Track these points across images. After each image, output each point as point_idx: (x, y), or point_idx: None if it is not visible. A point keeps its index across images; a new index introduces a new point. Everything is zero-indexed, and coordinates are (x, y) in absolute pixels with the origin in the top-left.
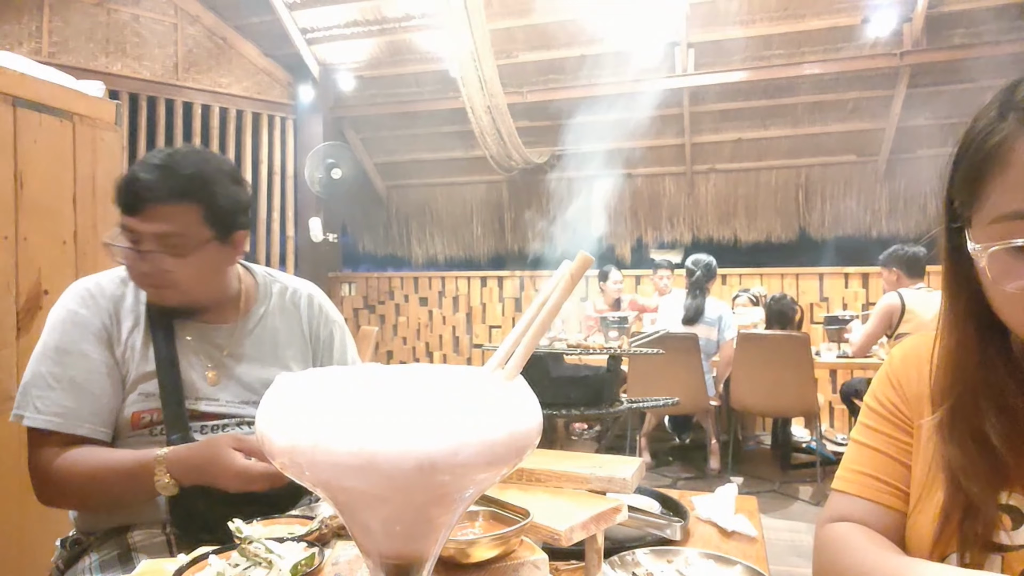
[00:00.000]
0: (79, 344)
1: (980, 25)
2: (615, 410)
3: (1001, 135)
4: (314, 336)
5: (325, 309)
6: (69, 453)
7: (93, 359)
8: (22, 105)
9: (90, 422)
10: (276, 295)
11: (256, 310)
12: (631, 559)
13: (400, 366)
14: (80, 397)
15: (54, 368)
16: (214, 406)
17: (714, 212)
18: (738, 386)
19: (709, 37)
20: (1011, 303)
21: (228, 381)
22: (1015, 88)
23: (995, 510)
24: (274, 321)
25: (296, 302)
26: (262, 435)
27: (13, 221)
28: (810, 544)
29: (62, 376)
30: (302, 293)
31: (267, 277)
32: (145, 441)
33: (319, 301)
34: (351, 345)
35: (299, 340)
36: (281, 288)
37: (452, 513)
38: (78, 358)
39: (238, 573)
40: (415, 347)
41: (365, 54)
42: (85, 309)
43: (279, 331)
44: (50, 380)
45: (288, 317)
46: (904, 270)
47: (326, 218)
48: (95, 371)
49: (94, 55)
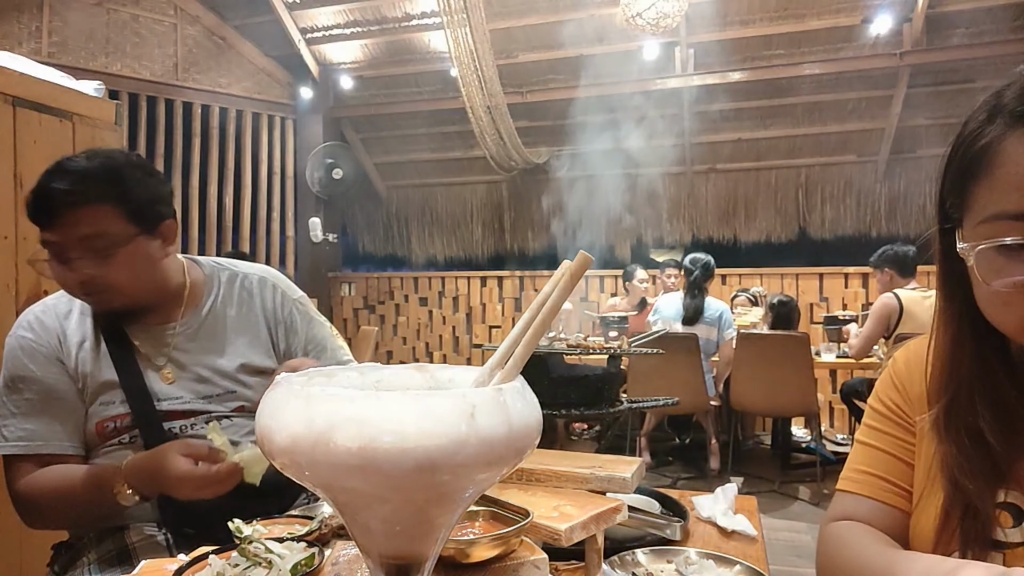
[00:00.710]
0: (31, 369)
1: (980, 25)
2: (615, 410)
3: (988, 137)
4: (274, 319)
5: (280, 288)
6: (38, 473)
7: (47, 381)
8: (22, 105)
9: (57, 439)
10: (225, 283)
11: (204, 302)
12: (631, 559)
13: (400, 366)
14: (41, 419)
15: (12, 395)
16: (177, 404)
17: (714, 212)
18: (738, 386)
19: (709, 37)
20: (996, 301)
21: (184, 378)
22: (1003, 91)
23: (992, 507)
24: (226, 310)
25: (249, 288)
26: (262, 435)
27: (13, 221)
28: (810, 544)
29: (20, 401)
30: (254, 278)
31: (215, 267)
32: (117, 451)
33: (272, 282)
34: (318, 319)
35: (255, 326)
36: (231, 276)
37: (452, 513)
38: (32, 382)
39: (238, 573)
40: (415, 347)
41: (365, 54)
42: (31, 334)
43: (231, 320)
44: (11, 407)
45: (241, 304)
46: (896, 270)
47: (326, 218)
48: (51, 391)
49: (94, 55)
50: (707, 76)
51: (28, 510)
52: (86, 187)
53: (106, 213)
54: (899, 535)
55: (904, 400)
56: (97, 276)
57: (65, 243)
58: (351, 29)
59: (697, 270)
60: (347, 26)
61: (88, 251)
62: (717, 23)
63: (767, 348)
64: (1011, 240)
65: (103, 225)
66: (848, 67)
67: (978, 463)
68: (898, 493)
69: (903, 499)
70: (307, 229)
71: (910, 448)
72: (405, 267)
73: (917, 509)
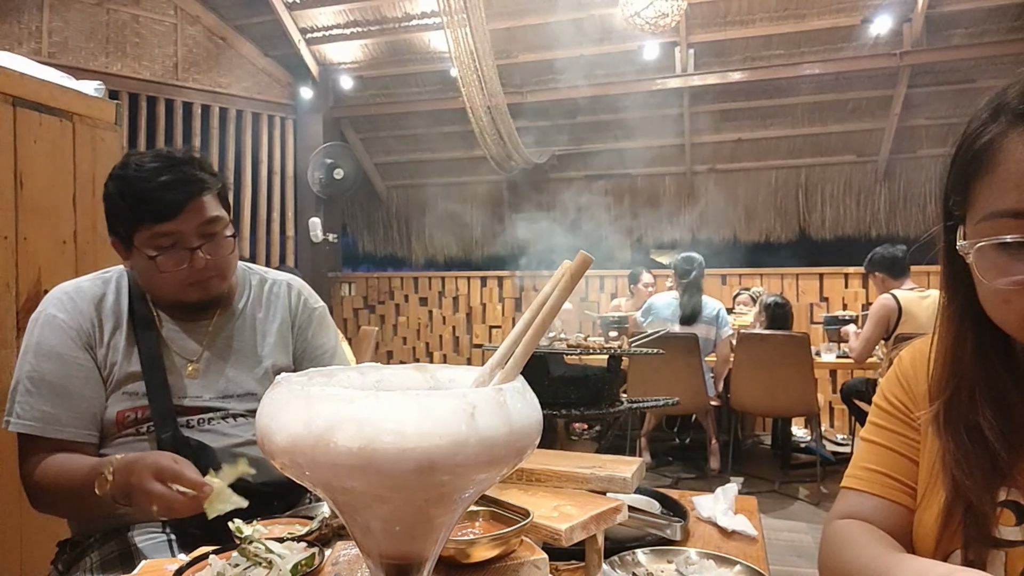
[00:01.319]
0: (57, 348)
1: (980, 25)
2: (615, 410)
3: (990, 136)
4: (295, 324)
5: (304, 296)
6: (49, 459)
7: (72, 363)
8: (22, 105)
9: (72, 426)
10: (255, 287)
11: (237, 303)
12: (631, 559)
13: (400, 366)
14: (60, 401)
15: (33, 373)
16: (196, 401)
17: (714, 212)
18: (738, 386)
19: (709, 37)
20: (996, 299)
21: (209, 375)
22: (1007, 90)
23: (992, 505)
24: (255, 312)
25: (276, 292)
26: (263, 434)
27: (13, 221)
28: (810, 544)
29: (41, 381)
30: (282, 283)
31: (246, 270)
32: (132, 443)
33: (298, 289)
34: (331, 330)
35: (279, 331)
36: (260, 279)
37: (452, 513)
38: (57, 363)
39: (238, 573)
40: (415, 347)
41: (365, 54)
42: (64, 313)
43: (259, 323)
44: (29, 385)
45: (267, 308)
46: (887, 272)
47: (326, 218)
48: (75, 375)
49: (94, 55)
50: (707, 76)
51: (35, 493)
52: (204, 174)
53: (217, 199)
54: (904, 532)
55: (909, 398)
56: (213, 262)
57: (188, 231)
58: (351, 29)
59: (695, 269)
60: (347, 26)
61: (207, 236)
62: (717, 23)
63: (767, 348)
64: (1011, 238)
65: (218, 210)
66: (848, 67)
67: (977, 460)
68: (903, 490)
69: (908, 496)
70: (307, 229)
71: (915, 446)
72: (405, 267)
73: (921, 507)
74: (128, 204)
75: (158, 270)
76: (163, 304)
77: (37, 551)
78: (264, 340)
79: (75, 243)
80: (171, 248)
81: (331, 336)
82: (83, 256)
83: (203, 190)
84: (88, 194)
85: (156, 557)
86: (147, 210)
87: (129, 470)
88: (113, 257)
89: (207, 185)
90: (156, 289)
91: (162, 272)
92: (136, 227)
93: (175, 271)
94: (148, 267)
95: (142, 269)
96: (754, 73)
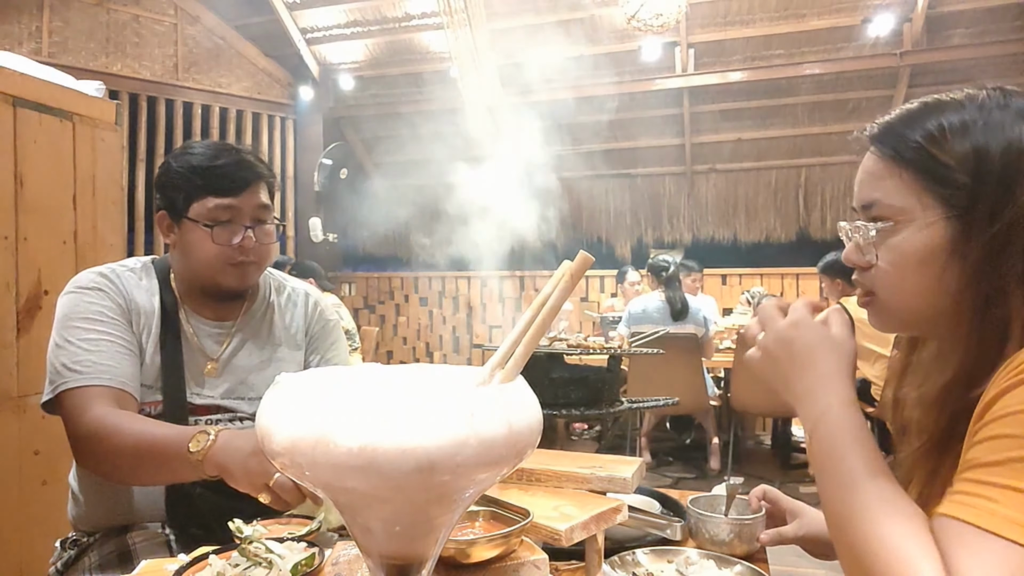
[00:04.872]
0: (101, 310)
1: (980, 25)
2: (615, 410)
3: None
4: (309, 332)
5: (320, 306)
6: (111, 412)
7: (119, 324)
8: (22, 105)
9: (133, 382)
10: (275, 292)
11: (258, 307)
12: (631, 559)
13: (400, 366)
14: (118, 357)
15: (80, 335)
16: (207, 399)
17: (714, 212)
18: (738, 386)
19: (709, 37)
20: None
21: (225, 374)
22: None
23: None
24: (272, 317)
25: (295, 300)
26: (263, 434)
27: (13, 221)
28: None
29: (87, 340)
30: (299, 291)
31: (267, 275)
32: None
33: (315, 299)
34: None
35: (294, 337)
36: (279, 285)
37: (452, 513)
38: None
39: (238, 573)
40: (415, 347)
41: (365, 54)
42: (103, 288)
43: (276, 327)
44: (80, 345)
45: (285, 315)
46: (846, 280)
47: (326, 218)
48: (119, 338)
49: (94, 55)
50: (707, 76)
51: (91, 448)
52: (263, 166)
53: (268, 189)
54: None
55: None
56: (257, 247)
57: (245, 209)
58: (351, 29)
59: (671, 266)
60: (347, 26)
61: (259, 221)
62: (717, 23)
63: None
64: None
65: (269, 199)
66: (848, 67)
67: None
68: None
69: None
70: (307, 229)
71: None
72: (405, 267)
73: None
74: (196, 174)
75: (211, 240)
76: (190, 298)
77: (37, 551)
78: (279, 346)
79: (75, 243)
80: (227, 223)
81: (342, 350)
82: (83, 256)
83: (262, 177)
84: (88, 194)
85: (154, 557)
86: (214, 183)
87: (243, 447)
88: (113, 257)
89: (265, 175)
90: (195, 266)
91: (215, 243)
92: (197, 197)
93: (226, 246)
94: (196, 240)
95: (188, 244)
96: (754, 73)
